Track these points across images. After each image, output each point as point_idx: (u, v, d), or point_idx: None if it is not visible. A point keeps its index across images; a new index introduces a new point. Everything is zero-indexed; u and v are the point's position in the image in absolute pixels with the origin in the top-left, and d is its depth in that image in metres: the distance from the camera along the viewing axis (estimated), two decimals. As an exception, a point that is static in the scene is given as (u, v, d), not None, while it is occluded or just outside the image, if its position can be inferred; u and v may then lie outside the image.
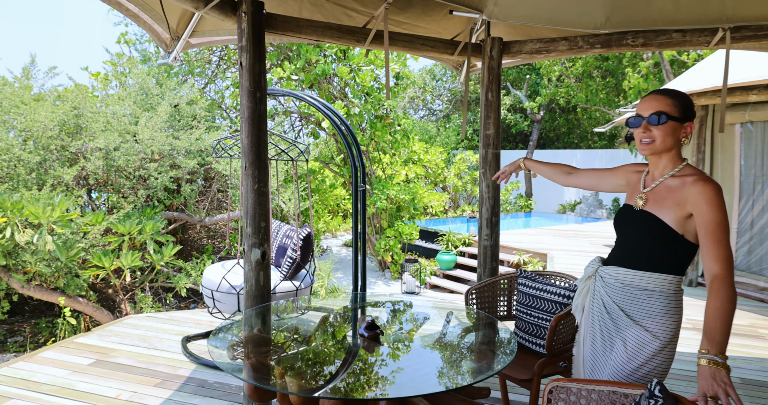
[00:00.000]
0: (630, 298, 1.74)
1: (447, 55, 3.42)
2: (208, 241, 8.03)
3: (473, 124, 20.17)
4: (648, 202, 1.74)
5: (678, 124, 1.69)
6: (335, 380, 1.76)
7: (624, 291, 1.76)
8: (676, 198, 1.66)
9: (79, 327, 4.87)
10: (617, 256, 1.83)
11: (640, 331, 1.69)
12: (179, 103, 6.43)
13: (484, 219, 3.51)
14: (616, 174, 2.00)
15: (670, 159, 1.74)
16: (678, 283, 1.71)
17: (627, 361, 1.69)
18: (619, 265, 1.79)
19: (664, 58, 12.04)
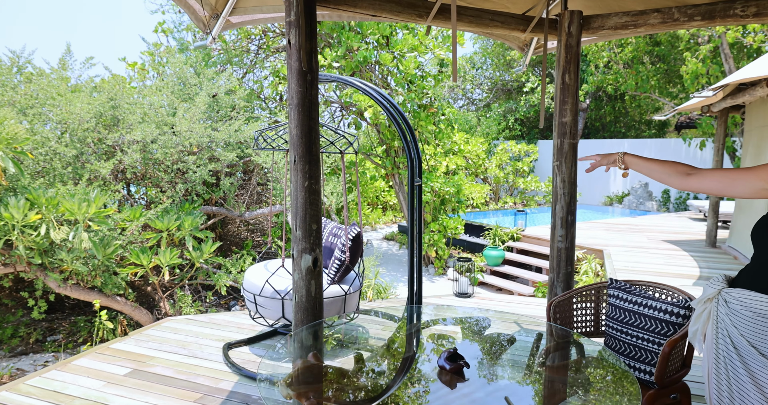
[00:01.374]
0: (763, 331, 1.34)
1: (518, 32, 2.98)
2: (248, 235, 7.83)
3: (515, 113, 19.43)
4: None
5: None
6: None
7: (756, 322, 1.36)
8: None
9: (115, 330, 4.69)
10: (751, 276, 1.42)
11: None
12: (217, 93, 6.17)
13: (558, 218, 3.08)
14: (756, 175, 1.51)
15: None
16: None
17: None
18: (752, 289, 1.40)
19: (725, 41, 11.09)
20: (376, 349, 2.16)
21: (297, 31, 2.29)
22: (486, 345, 2.08)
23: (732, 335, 1.42)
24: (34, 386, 3.18)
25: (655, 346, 2.12)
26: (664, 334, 2.10)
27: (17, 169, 3.67)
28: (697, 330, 1.55)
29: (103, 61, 16.16)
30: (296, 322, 2.48)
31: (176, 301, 5.67)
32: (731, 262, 6.60)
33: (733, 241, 7.20)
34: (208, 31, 2.86)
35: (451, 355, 1.65)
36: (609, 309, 2.37)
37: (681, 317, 2.07)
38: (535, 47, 3.61)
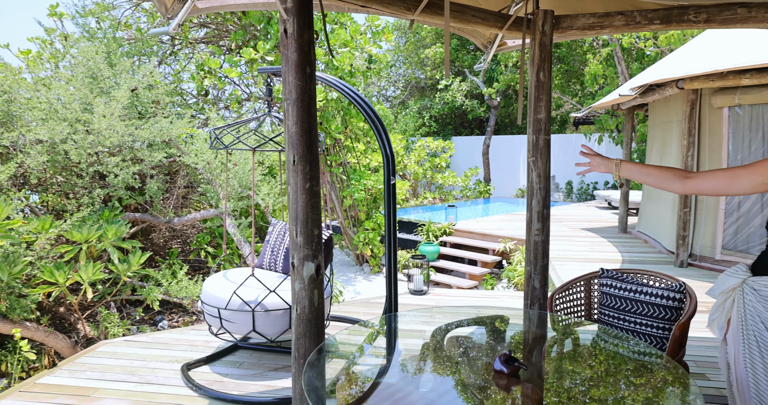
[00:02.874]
0: None
1: (495, 29, 2.99)
2: (171, 243, 7.21)
3: (430, 110, 19.93)
4: None
5: None
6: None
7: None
8: None
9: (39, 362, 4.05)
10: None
11: None
12: (137, 87, 5.58)
13: (534, 212, 3.15)
14: (756, 171, 1.58)
15: None
16: None
17: None
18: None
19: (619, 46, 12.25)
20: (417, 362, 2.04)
21: (294, 19, 2.09)
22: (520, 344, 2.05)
23: (766, 321, 1.51)
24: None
25: (654, 330, 2.23)
26: (662, 317, 2.21)
27: None
28: (717, 318, 1.64)
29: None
30: (298, 335, 2.28)
31: (100, 322, 5.05)
32: (643, 245, 7.30)
33: (641, 227, 7.95)
34: (170, 17, 2.53)
35: (507, 357, 1.59)
36: (603, 297, 2.46)
37: (677, 301, 2.20)
38: (498, 45, 3.66)
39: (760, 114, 5.31)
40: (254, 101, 7.67)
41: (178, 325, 5.98)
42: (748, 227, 5.52)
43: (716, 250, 5.82)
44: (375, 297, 5.17)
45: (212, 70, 6.53)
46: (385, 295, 3.46)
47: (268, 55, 6.88)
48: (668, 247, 6.60)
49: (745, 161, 5.50)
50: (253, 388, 3.22)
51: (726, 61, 5.23)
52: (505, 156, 18.42)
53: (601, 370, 1.75)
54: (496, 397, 1.54)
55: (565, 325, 2.31)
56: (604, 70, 12.64)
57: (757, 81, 5.07)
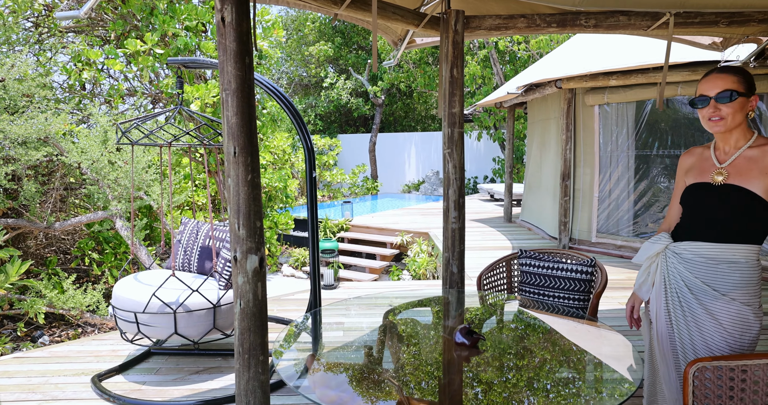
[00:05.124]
0: (713, 272, 1.78)
1: (412, 26, 3.19)
2: (48, 250, 6.45)
3: (315, 108, 19.91)
4: (730, 176, 1.81)
5: (745, 99, 1.78)
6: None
7: (707, 265, 1.80)
8: (762, 167, 1.75)
9: None
10: (692, 231, 1.86)
11: (729, 303, 1.75)
12: (5, 79, 4.92)
13: (451, 201, 3.42)
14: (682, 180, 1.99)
15: (741, 133, 1.83)
16: (759, 252, 1.82)
17: (727, 334, 1.74)
18: (697, 240, 1.84)
19: (494, 49, 13.37)
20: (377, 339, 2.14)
21: (231, 8, 2.07)
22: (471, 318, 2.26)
23: (686, 279, 1.82)
24: None
25: (571, 301, 2.58)
26: (578, 290, 2.57)
27: None
28: (644, 281, 1.96)
29: None
30: (242, 330, 2.26)
31: (-28, 342, 4.41)
32: (528, 233, 8.11)
33: (525, 216, 8.81)
34: None
35: (467, 330, 1.77)
36: (523, 276, 2.77)
37: (589, 274, 2.57)
38: (408, 42, 3.88)
39: (625, 111, 6.19)
40: (139, 96, 7.12)
41: (61, 340, 5.41)
42: (617, 212, 6.40)
43: (592, 234, 6.66)
44: (284, 294, 5.16)
45: (91, 61, 5.95)
46: (310, 290, 3.51)
47: (156, 47, 6.45)
48: (550, 233, 7.39)
49: (614, 153, 6.35)
50: (177, 393, 3.09)
51: (597, 63, 6.01)
52: (390, 153, 19.09)
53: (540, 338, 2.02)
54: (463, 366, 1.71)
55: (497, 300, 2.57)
56: (482, 71, 13.70)
57: (622, 82, 5.90)
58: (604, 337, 1.99)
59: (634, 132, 6.14)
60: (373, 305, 2.64)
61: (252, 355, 2.30)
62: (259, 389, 2.38)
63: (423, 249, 8.03)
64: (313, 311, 2.64)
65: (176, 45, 6.59)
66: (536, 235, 7.91)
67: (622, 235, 6.37)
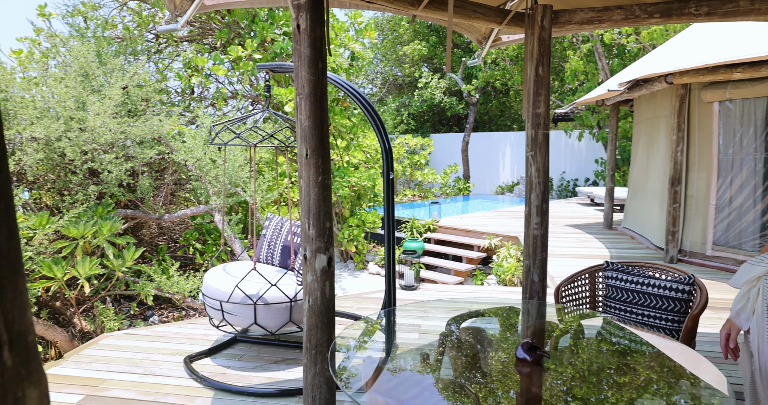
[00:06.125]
0: None
1: (495, 24, 3.08)
2: (159, 240, 7.16)
3: (408, 108, 20.03)
4: None
5: None
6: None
7: None
8: None
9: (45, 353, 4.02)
10: None
11: None
12: (128, 86, 5.53)
13: (533, 206, 3.25)
14: None
15: None
16: None
17: None
18: None
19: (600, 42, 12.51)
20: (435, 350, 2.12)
21: (306, 15, 2.13)
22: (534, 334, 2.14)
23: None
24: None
25: (663, 322, 2.33)
26: (672, 310, 2.32)
27: None
28: (743, 307, 1.72)
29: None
30: (310, 326, 2.34)
31: (96, 316, 5.01)
32: (630, 241, 7.49)
33: (627, 223, 8.15)
34: (178, 14, 2.55)
35: (530, 346, 1.67)
36: (608, 290, 2.56)
37: (687, 293, 2.30)
38: (493, 40, 3.76)
39: (752, 108, 5.42)
40: (240, 99, 7.65)
41: (167, 320, 5.97)
42: (740, 223, 5.63)
43: (707, 246, 5.94)
44: (366, 292, 5.24)
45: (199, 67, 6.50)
46: (384, 289, 3.53)
47: (255, 53, 6.87)
48: (656, 243, 6.74)
49: (737, 156, 5.62)
50: (256, 380, 3.27)
51: (717, 55, 5.32)
52: (484, 153, 18.63)
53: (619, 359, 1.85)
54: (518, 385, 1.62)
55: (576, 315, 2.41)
56: (585, 67, 12.90)
57: (749, 75, 5.16)
58: (692, 365, 1.77)
59: (764, 132, 5.38)
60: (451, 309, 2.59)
61: (318, 351, 2.36)
62: (324, 385, 2.45)
63: (511, 253, 7.74)
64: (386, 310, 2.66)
65: (273, 50, 6.98)
66: (639, 244, 7.29)
67: (745, 249, 5.62)
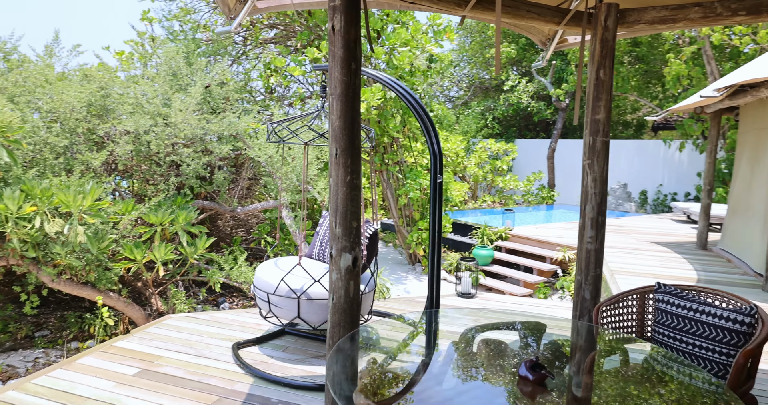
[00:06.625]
0: None
1: (552, 24, 2.92)
2: (234, 231, 7.61)
3: (493, 112, 19.57)
4: None
5: None
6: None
7: None
8: None
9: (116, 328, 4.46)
10: None
11: None
12: (210, 85, 5.94)
13: (588, 218, 3.04)
14: None
15: None
16: None
17: None
18: None
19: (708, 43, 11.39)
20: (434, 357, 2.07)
21: (341, 16, 2.16)
22: (550, 352, 2.01)
23: None
24: (42, 386, 3.00)
25: (716, 355, 2.08)
26: (727, 342, 2.06)
27: (11, 159, 3.42)
28: None
29: (92, 48, 15.54)
30: (333, 323, 2.37)
31: (169, 297, 5.44)
32: (726, 265, 6.74)
33: (725, 244, 7.33)
34: (233, 17, 2.70)
35: (533, 364, 1.57)
36: (658, 314, 2.33)
37: (746, 325, 2.03)
38: (558, 42, 3.57)
39: None
40: (317, 98, 7.92)
41: (237, 308, 6.32)
42: None
43: (818, 276, 5.21)
44: (421, 295, 5.20)
45: (278, 68, 6.83)
46: (427, 291, 3.48)
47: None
48: (756, 269, 6.01)
49: None
50: (295, 372, 3.36)
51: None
52: (572, 161, 17.68)
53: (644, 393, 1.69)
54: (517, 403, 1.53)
55: (611, 339, 2.23)
56: (689, 71, 11.82)
57: None
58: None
59: None
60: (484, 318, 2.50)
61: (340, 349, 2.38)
62: (345, 382, 2.46)
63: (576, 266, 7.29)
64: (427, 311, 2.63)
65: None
66: (736, 268, 6.53)
67: None
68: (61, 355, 4.58)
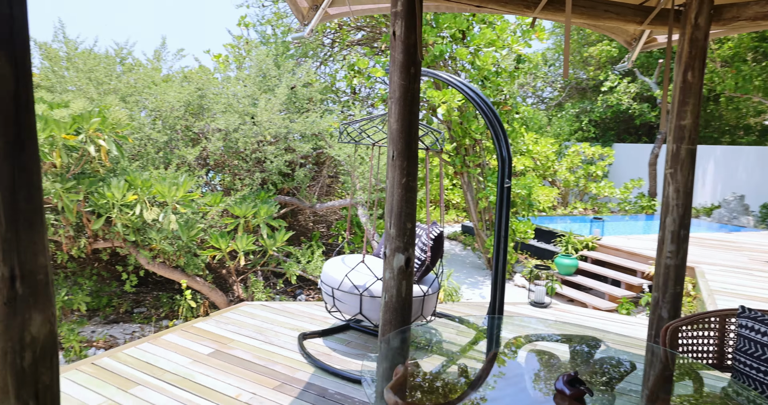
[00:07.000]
0: None
1: (634, 24, 2.74)
2: (315, 227, 7.92)
3: (590, 114, 18.53)
4: None
5: None
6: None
7: None
8: None
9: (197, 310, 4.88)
10: None
11: None
12: (296, 86, 6.25)
13: (668, 231, 2.82)
14: None
15: None
16: None
17: None
18: None
19: None
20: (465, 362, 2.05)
21: (402, 22, 2.20)
22: (600, 369, 1.91)
23: None
24: (130, 356, 3.36)
25: None
26: None
27: (119, 152, 3.86)
28: None
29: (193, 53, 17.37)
30: (384, 322, 2.41)
31: (249, 286, 5.81)
32: None
33: None
34: (306, 23, 2.84)
35: (572, 379, 1.50)
36: (740, 341, 2.11)
37: None
38: (646, 42, 3.33)
39: None
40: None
41: (312, 300, 6.60)
42: None
43: None
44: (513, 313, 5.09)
45: (361, 69, 7.01)
46: (490, 297, 3.42)
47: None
48: None
49: None
50: (354, 366, 3.45)
51: None
52: (679, 168, 16.22)
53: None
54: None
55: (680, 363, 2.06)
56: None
57: None
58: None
59: None
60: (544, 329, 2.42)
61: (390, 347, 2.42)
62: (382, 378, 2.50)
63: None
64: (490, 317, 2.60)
65: (433, 52, 7.14)
66: None
67: None
68: (153, 330, 5.08)
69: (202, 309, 4.56)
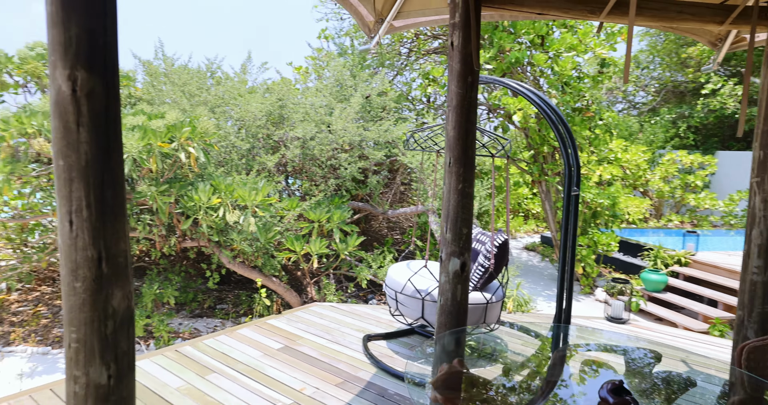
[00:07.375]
0: None
1: (713, 24, 2.57)
2: (389, 233, 8.06)
3: (689, 119, 17.17)
4: None
5: None
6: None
7: None
8: None
9: (271, 308, 5.19)
10: None
11: None
12: (370, 95, 6.44)
13: (754, 244, 2.60)
14: None
15: None
16: None
17: None
18: None
19: None
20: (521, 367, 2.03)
21: (460, 33, 2.25)
22: (656, 383, 1.82)
23: None
24: (209, 346, 3.66)
25: None
26: None
27: (206, 159, 4.24)
28: None
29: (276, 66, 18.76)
30: (439, 324, 2.45)
31: (321, 288, 6.05)
32: None
33: None
34: (372, 36, 2.97)
35: (616, 387, 1.46)
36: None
37: None
38: (733, 41, 3.10)
39: None
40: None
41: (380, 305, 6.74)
42: None
43: None
44: (574, 316, 4.90)
45: (435, 78, 7.07)
46: (555, 308, 3.32)
47: (489, 63, 7.07)
48: None
49: None
50: (416, 369, 3.49)
51: None
52: (794, 178, 14.55)
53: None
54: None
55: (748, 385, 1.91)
56: None
57: None
58: None
59: None
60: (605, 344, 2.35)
61: (443, 352, 2.46)
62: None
63: None
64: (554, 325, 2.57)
65: (509, 59, 7.05)
66: None
67: None
68: (232, 325, 5.46)
69: (275, 307, 4.84)
